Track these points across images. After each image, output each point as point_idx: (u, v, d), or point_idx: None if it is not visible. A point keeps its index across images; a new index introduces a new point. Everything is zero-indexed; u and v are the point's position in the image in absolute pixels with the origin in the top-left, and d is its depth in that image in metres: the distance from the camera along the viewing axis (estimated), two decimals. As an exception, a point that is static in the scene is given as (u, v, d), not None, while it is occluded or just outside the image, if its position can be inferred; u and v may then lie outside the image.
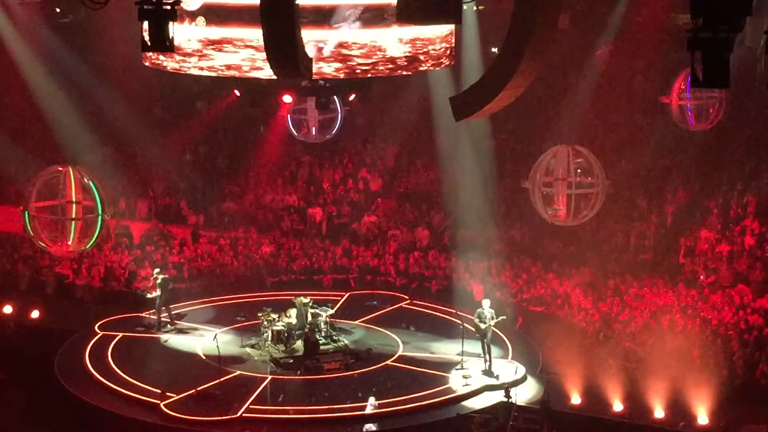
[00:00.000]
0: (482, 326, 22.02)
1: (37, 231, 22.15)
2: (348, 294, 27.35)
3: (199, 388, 20.94)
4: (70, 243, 22.11)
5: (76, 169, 22.17)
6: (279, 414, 20.33)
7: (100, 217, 22.02)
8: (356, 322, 25.39)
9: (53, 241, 22.28)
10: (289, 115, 27.79)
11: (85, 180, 22.05)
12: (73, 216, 22.02)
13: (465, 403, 21.00)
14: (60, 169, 22.21)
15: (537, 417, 20.19)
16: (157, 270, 25.22)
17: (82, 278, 27.73)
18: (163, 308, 24.83)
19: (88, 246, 22.67)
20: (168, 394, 20.75)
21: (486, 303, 22.37)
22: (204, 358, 22.95)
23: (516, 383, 21.51)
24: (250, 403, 20.53)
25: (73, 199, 21.99)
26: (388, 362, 22.91)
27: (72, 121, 29.85)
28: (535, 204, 23.02)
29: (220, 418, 20.01)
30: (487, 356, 22.08)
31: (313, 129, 28.14)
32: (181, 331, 24.74)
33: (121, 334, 24.40)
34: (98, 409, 20.79)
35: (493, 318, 22.04)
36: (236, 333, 24.40)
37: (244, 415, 20.16)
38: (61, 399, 21.52)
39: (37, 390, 21.95)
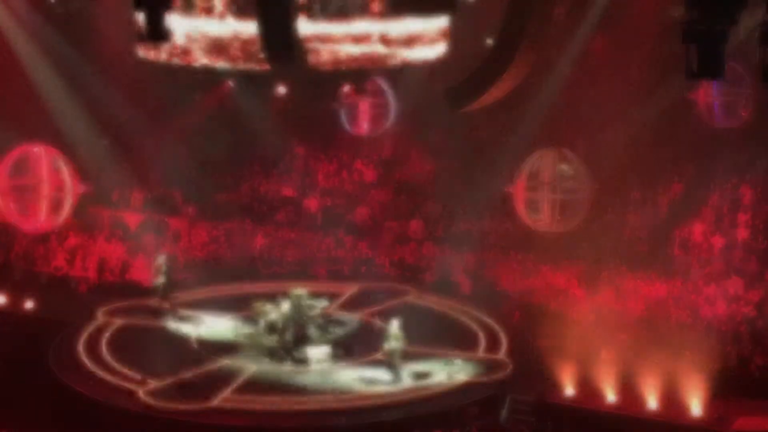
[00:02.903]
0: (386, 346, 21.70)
1: (9, 208, 22.49)
2: (357, 286, 27.20)
3: (179, 376, 21.03)
4: (41, 220, 22.53)
5: (48, 148, 22.52)
6: (254, 404, 20.33)
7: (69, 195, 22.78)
8: (356, 314, 25.34)
9: (24, 218, 22.71)
10: (342, 110, 27.58)
11: (57, 159, 22.42)
12: (45, 194, 22.33)
13: (457, 395, 20.99)
14: (32, 148, 22.52)
15: (531, 409, 20.27)
16: (161, 257, 25.31)
17: (76, 269, 27.70)
18: (166, 295, 24.97)
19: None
20: (148, 381, 20.84)
21: (394, 323, 21.92)
22: (196, 346, 22.98)
23: (510, 376, 21.55)
24: (228, 393, 20.58)
25: (45, 178, 22.34)
26: (377, 356, 22.84)
27: (69, 110, 29.82)
28: (518, 209, 22.67)
29: (195, 407, 20.03)
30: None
31: (365, 123, 27.93)
32: (179, 319, 24.84)
33: (120, 321, 24.54)
34: (79, 395, 20.89)
35: (398, 339, 21.62)
36: (232, 322, 24.45)
37: (219, 404, 20.18)
38: (49, 384, 21.62)
39: (28, 375, 22.06)
